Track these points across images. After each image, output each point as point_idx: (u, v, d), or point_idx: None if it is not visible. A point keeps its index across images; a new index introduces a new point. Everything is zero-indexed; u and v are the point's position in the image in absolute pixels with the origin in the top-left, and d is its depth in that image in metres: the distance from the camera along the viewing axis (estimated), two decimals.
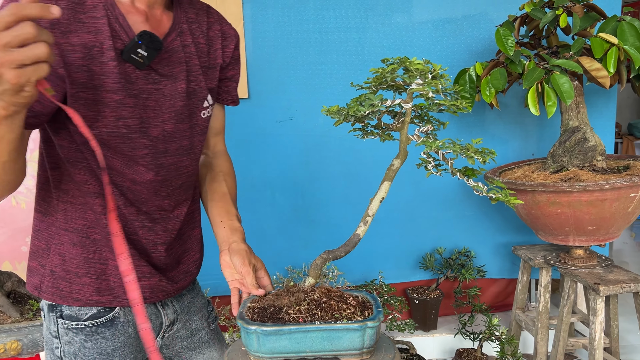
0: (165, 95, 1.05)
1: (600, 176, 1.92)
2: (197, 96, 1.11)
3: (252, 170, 2.52)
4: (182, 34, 1.08)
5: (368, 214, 1.07)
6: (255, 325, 0.97)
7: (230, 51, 1.19)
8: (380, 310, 1.01)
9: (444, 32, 2.49)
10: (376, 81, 1.04)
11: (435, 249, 2.65)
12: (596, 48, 1.79)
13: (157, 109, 1.04)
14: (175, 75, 1.06)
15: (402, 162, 1.08)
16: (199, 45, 1.12)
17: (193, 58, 1.10)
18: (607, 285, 1.90)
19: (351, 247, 1.08)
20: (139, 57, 0.97)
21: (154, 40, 0.98)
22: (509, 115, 2.58)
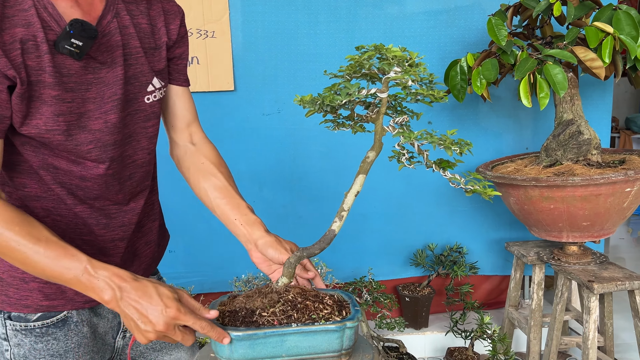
0: (106, 84, 0.99)
1: (595, 170, 1.86)
2: (138, 80, 1.05)
3: (238, 164, 2.45)
4: (118, 16, 1.02)
5: (343, 208, 1.03)
6: (227, 331, 0.91)
7: (175, 28, 1.12)
8: (358, 310, 0.97)
9: (436, 23, 2.43)
10: (351, 69, 0.99)
11: (426, 245, 2.59)
12: (591, 37, 1.73)
13: (99, 99, 0.99)
14: (113, 59, 1.00)
15: (377, 154, 1.04)
16: (139, 26, 1.05)
17: (132, 40, 1.03)
18: (601, 282, 1.85)
19: (326, 244, 1.02)
20: (74, 47, 0.91)
21: (86, 29, 0.91)
22: (503, 109, 2.51)
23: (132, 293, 0.85)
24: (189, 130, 1.22)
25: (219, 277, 2.46)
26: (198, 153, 1.20)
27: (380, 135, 1.01)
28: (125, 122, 1.04)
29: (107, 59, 0.99)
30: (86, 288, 0.86)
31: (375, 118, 1.01)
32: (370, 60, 0.94)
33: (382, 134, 1.02)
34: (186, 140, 1.22)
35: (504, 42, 1.86)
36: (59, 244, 0.87)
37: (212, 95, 2.37)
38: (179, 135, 1.22)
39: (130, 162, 1.08)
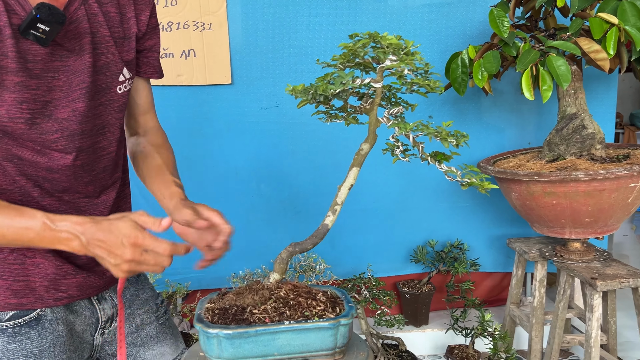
0: (74, 72, 0.96)
1: (599, 165, 1.82)
2: (109, 70, 1.03)
3: (236, 159, 2.42)
4: (86, 3, 0.99)
5: (337, 202, 1.00)
6: (216, 329, 0.87)
7: (145, 19, 1.10)
8: (352, 306, 0.94)
9: (437, 16, 2.38)
10: (344, 58, 0.96)
11: (427, 241, 2.55)
12: (595, 28, 1.68)
13: (66, 87, 0.96)
14: (81, 47, 0.97)
15: (371, 146, 1.01)
16: (108, 15, 1.02)
17: (101, 28, 1.00)
18: (604, 280, 1.81)
19: (319, 239, 0.99)
20: (40, 32, 0.88)
21: (54, 13, 0.88)
22: (505, 103, 2.47)
23: (94, 234, 0.87)
24: (144, 118, 1.21)
25: (216, 273, 2.43)
26: (145, 138, 1.19)
27: (375, 127, 0.99)
28: (97, 112, 1.02)
29: (74, 46, 0.96)
30: (52, 242, 0.88)
31: (370, 109, 0.98)
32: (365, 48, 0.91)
33: (377, 126, 0.99)
34: (138, 127, 1.21)
35: (506, 34, 1.82)
36: (12, 207, 0.88)
37: (209, 89, 2.33)
38: (132, 123, 1.21)
39: (104, 153, 1.06)
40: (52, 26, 0.88)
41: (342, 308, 0.95)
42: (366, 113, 0.99)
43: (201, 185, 2.41)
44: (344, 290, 1.02)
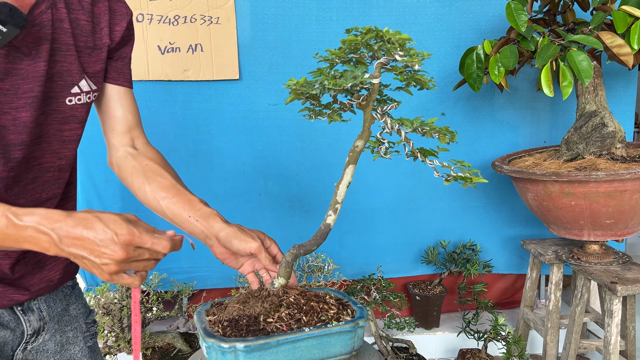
0: (24, 77, 0.89)
1: (620, 165, 1.75)
2: (62, 79, 0.95)
3: (243, 157, 2.37)
4: (54, 7, 0.92)
5: (337, 201, 0.98)
6: (232, 342, 0.80)
7: (120, 30, 1.03)
8: (361, 307, 0.92)
9: (450, 10, 2.31)
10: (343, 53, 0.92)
11: (438, 242, 2.49)
12: (618, 22, 1.61)
13: (12, 93, 0.89)
14: (38, 53, 0.90)
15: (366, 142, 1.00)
16: (77, 22, 0.96)
17: (64, 36, 0.94)
18: (625, 284, 1.74)
19: (322, 239, 0.97)
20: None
21: (15, 15, 0.81)
22: (520, 100, 2.40)
23: (70, 231, 0.75)
24: (131, 135, 1.11)
25: (222, 272, 2.38)
26: (140, 156, 1.09)
27: (370, 123, 0.97)
28: (38, 122, 0.94)
29: (31, 50, 0.89)
30: (17, 240, 0.76)
31: (365, 105, 0.96)
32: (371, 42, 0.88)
33: (372, 122, 0.97)
34: (127, 145, 1.11)
35: (523, 28, 1.75)
36: None
37: (216, 84, 2.28)
38: (118, 140, 1.10)
39: (35, 164, 0.97)
40: (10, 28, 0.82)
41: (352, 309, 0.93)
42: (362, 109, 0.97)
43: (207, 183, 2.36)
44: (343, 292, 1.00)
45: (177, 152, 2.33)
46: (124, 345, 2.04)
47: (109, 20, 1.02)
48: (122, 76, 1.08)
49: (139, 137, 1.12)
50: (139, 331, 0.90)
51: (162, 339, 2.19)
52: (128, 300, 2.10)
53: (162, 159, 1.12)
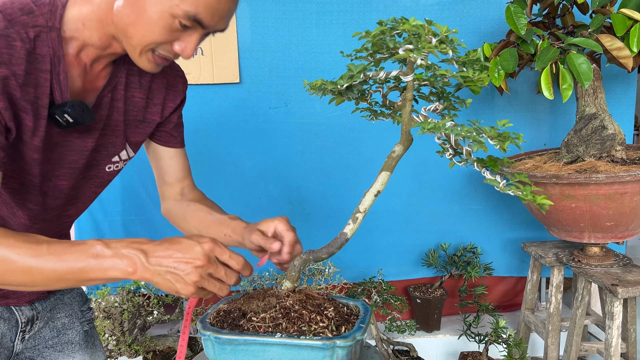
0: (70, 150, 0.96)
1: (620, 167, 1.75)
2: (106, 150, 1.02)
3: (243, 160, 2.37)
4: (114, 89, 0.98)
5: (359, 210, 0.91)
6: (209, 331, 0.84)
7: (173, 106, 1.09)
8: (361, 327, 0.84)
9: (450, 13, 2.32)
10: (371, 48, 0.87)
11: (439, 244, 2.49)
12: (618, 25, 1.62)
13: (56, 162, 0.95)
14: (90, 131, 0.97)
15: (406, 149, 0.90)
16: (131, 99, 1.02)
17: (116, 113, 1.00)
18: (625, 287, 1.74)
19: (336, 248, 0.92)
20: (63, 120, 0.90)
21: (85, 114, 0.91)
22: (520, 103, 2.40)
23: (158, 249, 0.80)
24: (181, 186, 1.19)
25: None
26: (185, 200, 1.17)
27: (408, 127, 0.88)
28: (75, 186, 1.01)
29: (84, 128, 0.96)
30: (105, 270, 0.78)
31: (402, 105, 0.88)
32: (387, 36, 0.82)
33: (410, 125, 0.88)
34: (176, 194, 1.19)
35: (523, 31, 1.75)
36: (60, 241, 0.81)
37: (217, 88, 2.28)
38: (169, 191, 1.19)
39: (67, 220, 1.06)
40: (77, 120, 0.90)
41: (350, 328, 0.86)
42: (399, 109, 0.89)
43: (208, 186, 2.35)
44: (368, 308, 0.93)
45: None
46: (124, 349, 2.04)
47: (164, 97, 1.08)
48: (172, 139, 1.14)
49: (187, 187, 1.19)
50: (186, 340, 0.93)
51: (163, 343, 2.19)
52: (128, 303, 2.09)
53: (203, 197, 1.20)
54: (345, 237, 0.91)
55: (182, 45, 0.88)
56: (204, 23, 0.85)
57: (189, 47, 0.88)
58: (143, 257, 0.78)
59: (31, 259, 0.76)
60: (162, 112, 1.08)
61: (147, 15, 0.83)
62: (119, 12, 0.85)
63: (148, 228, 2.34)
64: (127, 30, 0.86)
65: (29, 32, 0.83)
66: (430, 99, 0.90)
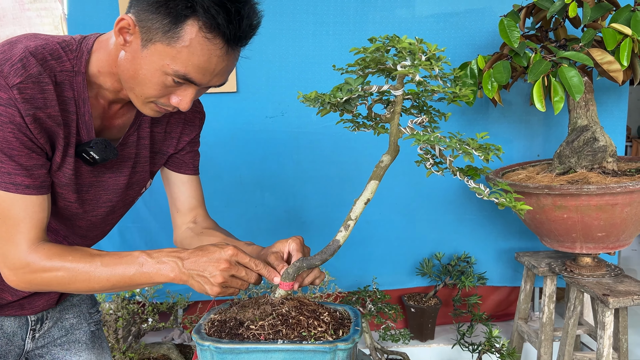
0: (104, 189, 1.03)
1: (611, 179, 1.78)
2: (139, 185, 1.10)
3: (240, 168, 2.39)
4: (140, 127, 1.04)
5: (350, 217, 0.94)
6: (209, 341, 0.84)
7: (188, 139, 1.15)
8: (357, 330, 0.88)
9: (445, 25, 2.36)
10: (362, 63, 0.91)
11: (433, 254, 2.51)
12: (608, 39, 1.65)
13: (93, 202, 1.03)
14: (120, 169, 1.04)
15: (393, 159, 0.94)
16: (154, 135, 1.08)
17: (144, 150, 1.07)
18: (616, 297, 1.76)
19: (329, 255, 0.94)
20: (90, 157, 0.96)
21: (108, 150, 0.97)
22: (514, 114, 2.44)
23: (191, 256, 0.92)
24: (193, 214, 1.23)
25: None
26: (198, 227, 1.21)
27: (396, 138, 0.92)
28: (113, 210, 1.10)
29: (114, 166, 1.02)
30: (151, 276, 0.92)
31: (390, 118, 0.92)
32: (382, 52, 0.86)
33: (398, 136, 0.93)
34: (189, 222, 1.22)
35: (516, 44, 1.79)
36: (109, 253, 0.94)
37: (214, 97, 2.30)
38: (182, 219, 1.22)
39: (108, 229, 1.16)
40: (102, 157, 0.96)
41: (346, 331, 0.89)
42: (387, 122, 0.93)
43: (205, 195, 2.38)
44: (358, 312, 0.96)
45: None
46: (119, 356, 2.04)
47: (180, 132, 1.13)
48: (184, 166, 1.19)
49: (200, 215, 1.23)
50: None
51: (157, 350, 2.19)
52: (123, 311, 2.10)
53: (216, 226, 1.23)
54: (337, 243, 0.93)
55: (178, 99, 0.93)
56: (195, 81, 0.90)
57: (185, 100, 0.93)
58: (180, 263, 0.92)
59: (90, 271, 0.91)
60: (177, 145, 1.15)
61: (143, 72, 0.89)
62: (121, 65, 0.91)
63: (144, 236, 2.35)
64: (129, 82, 0.92)
65: (57, 76, 0.90)
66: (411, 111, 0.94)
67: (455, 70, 0.86)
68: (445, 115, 0.95)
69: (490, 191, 0.83)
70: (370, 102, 0.98)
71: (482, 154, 0.79)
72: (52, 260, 0.91)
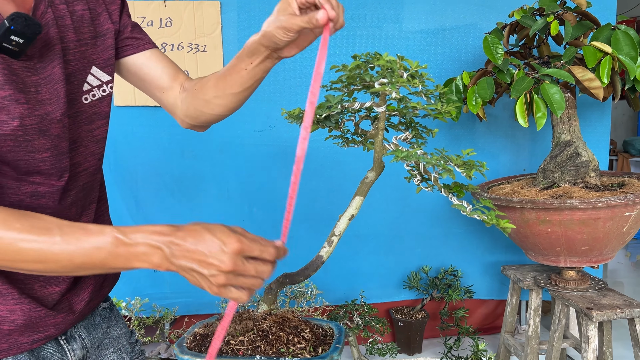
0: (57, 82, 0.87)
1: (594, 193, 1.81)
2: (76, 78, 0.91)
3: (228, 182, 2.40)
4: (52, 4, 0.88)
5: (334, 233, 0.95)
6: (188, 355, 0.85)
7: (117, 8, 0.99)
8: (337, 347, 0.88)
9: (432, 41, 2.39)
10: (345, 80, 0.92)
11: (421, 267, 2.52)
12: (589, 57, 1.69)
13: (54, 99, 0.86)
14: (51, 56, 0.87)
15: (378, 175, 0.95)
16: (75, 14, 0.92)
17: (69, 32, 0.90)
18: (600, 310, 1.78)
19: (313, 271, 0.95)
20: (13, 45, 0.78)
21: (30, 24, 0.78)
22: (500, 129, 2.47)
23: (182, 243, 0.73)
24: (178, 82, 1.07)
25: (205, 298, 2.38)
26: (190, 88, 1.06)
27: (380, 154, 0.93)
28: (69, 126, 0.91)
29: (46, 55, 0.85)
30: (127, 261, 0.73)
31: (375, 134, 0.93)
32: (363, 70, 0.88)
33: (383, 152, 0.93)
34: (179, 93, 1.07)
35: (500, 61, 1.82)
36: (74, 226, 0.74)
37: None
38: (170, 94, 1.07)
39: (81, 170, 0.95)
40: (26, 38, 0.78)
41: (326, 348, 0.89)
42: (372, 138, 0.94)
43: (192, 208, 2.38)
44: (342, 329, 0.96)
45: (162, 176, 2.35)
46: None
47: (104, 4, 0.97)
48: (139, 42, 1.04)
49: (184, 79, 1.08)
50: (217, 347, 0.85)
51: None
52: None
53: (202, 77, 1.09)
54: (321, 259, 0.94)
55: None
56: None
57: None
58: (167, 250, 0.73)
59: (44, 248, 0.72)
60: (111, 18, 0.98)
61: None
62: None
63: None
64: None
65: None
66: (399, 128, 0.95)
67: (439, 87, 0.88)
68: (432, 131, 0.96)
69: (473, 208, 0.84)
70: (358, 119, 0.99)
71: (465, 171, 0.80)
72: None
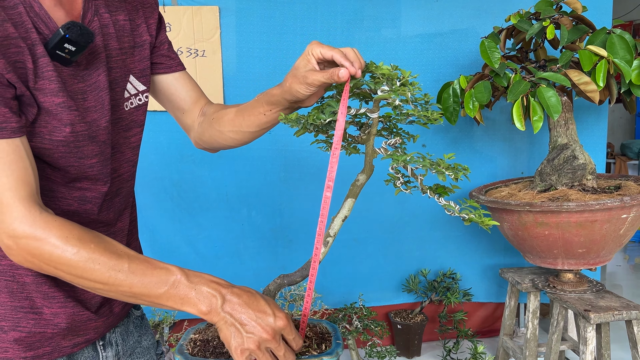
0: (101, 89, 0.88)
1: (590, 196, 1.82)
2: (118, 86, 0.93)
3: (227, 186, 2.40)
4: (98, 13, 0.90)
5: (329, 234, 0.97)
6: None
7: (154, 22, 1.01)
8: (339, 343, 0.90)
9: (430, 46, 2.41)
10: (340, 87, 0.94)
11: (419, 270, 2.53)
12: (585, 60, 1.70)
13: (99, 107, 0.88)
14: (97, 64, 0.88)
15: (368, 178, 0.98)
16: (118, 24, 0.94)
17: (112, 41, 0.92)
18: (597, 312, 1.78)
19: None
20: (66, 52, 0.80)
21: (84, 33, 0.80)
22: (497, 132, 2.48)
23: (236, 300, 0.77)
24: (199, 106, 1.09)
25: None
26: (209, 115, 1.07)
27: (371, 158, 0.96)
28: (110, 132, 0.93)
29: (90, 63, 0.88)
30: (181, 302, 0.77)
31: (366, 139, 0.96)
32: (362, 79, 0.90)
33: (373, 156, 0.96)
34: (198, 117, 1.09)
35: (497, 65, 1.83)
36: (141, 258, 0.78)
37: None
38: (190, 117, 1.09)
39: (116, 176, 0.96)
40: (79, 47, 0.81)
41: (329, 345, 0.91)
42: (363, 143, 0.97)
43: (191, 212, 2.39)
44: (335, 326, 0.98)
45: (161, 181, 2.36)
46: None
47: (143, 16, 0.99)
48: (172, 62, 1.06)
49: (205, 105, 1.10)
50: None
51: None
52: None
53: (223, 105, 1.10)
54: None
55: None
56: None
57: None
58: (220, 301, 0.76)
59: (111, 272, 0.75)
60: (149, 31, 1.00)
61: None
62: None
63: None
64: None
65: None
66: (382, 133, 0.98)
67: (427, 95, 0.91)
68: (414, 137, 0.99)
69: (460, 208, 0.86)
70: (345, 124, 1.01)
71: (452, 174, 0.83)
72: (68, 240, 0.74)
